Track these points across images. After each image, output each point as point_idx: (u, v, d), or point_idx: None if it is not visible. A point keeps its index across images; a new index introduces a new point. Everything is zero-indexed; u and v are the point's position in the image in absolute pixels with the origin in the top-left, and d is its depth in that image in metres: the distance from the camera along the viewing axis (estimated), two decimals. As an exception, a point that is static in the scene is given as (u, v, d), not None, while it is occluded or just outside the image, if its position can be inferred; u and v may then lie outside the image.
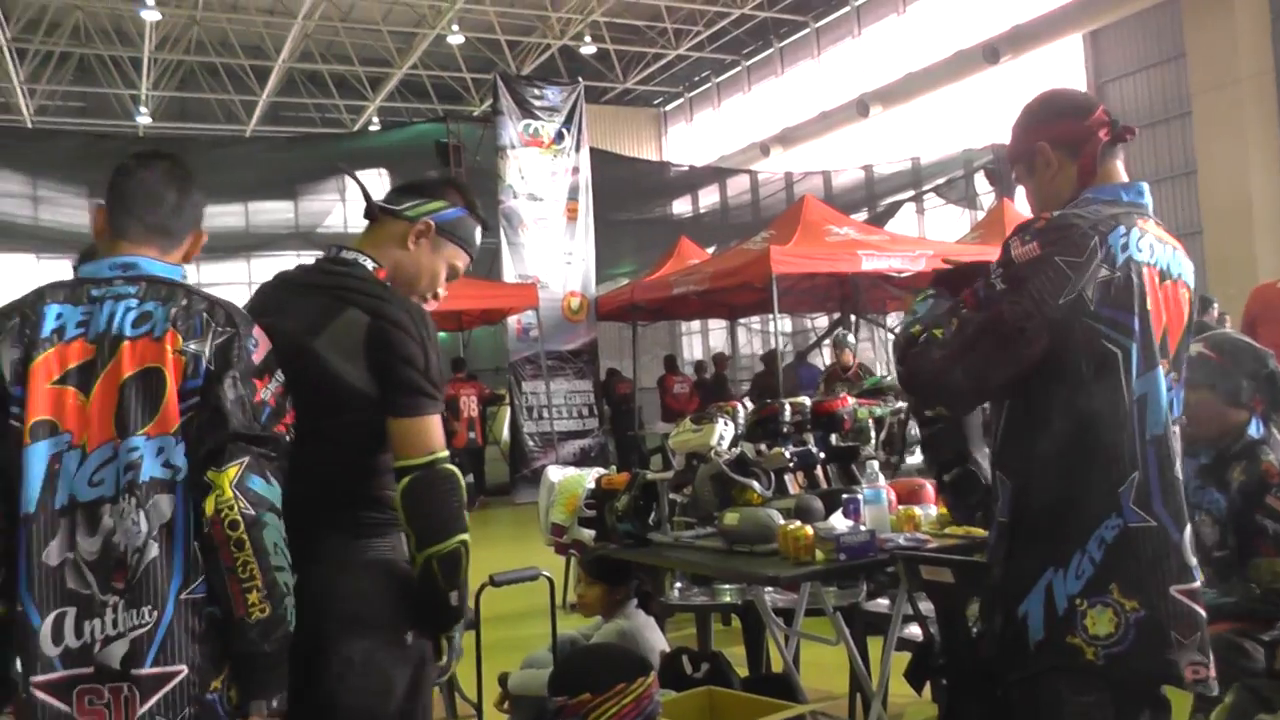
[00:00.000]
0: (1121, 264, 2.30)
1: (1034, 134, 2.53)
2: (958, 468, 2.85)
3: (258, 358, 2.35)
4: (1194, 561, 2.29)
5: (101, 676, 2.17)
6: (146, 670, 2.18)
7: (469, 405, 15.10)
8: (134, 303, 2.32)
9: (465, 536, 2.48)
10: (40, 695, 2.16)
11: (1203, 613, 2.28)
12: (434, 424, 2.49)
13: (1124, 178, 2.48)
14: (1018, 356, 2.27)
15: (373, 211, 2.78)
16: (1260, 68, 16.73)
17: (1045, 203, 2.52)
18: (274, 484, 2.27)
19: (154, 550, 2.20)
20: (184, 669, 2.20)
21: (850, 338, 12.13)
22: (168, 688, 2.19)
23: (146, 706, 2.18)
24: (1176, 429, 2.36)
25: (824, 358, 18.15)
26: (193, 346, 2.28)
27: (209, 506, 2.20)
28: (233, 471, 2.22)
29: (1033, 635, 2.29)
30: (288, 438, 2.37)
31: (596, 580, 4.51)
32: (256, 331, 2.39)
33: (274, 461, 2.31)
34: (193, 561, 2.23)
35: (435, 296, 2.78)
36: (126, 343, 2.27)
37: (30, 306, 2.32)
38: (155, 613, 2.19)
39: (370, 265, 2.65)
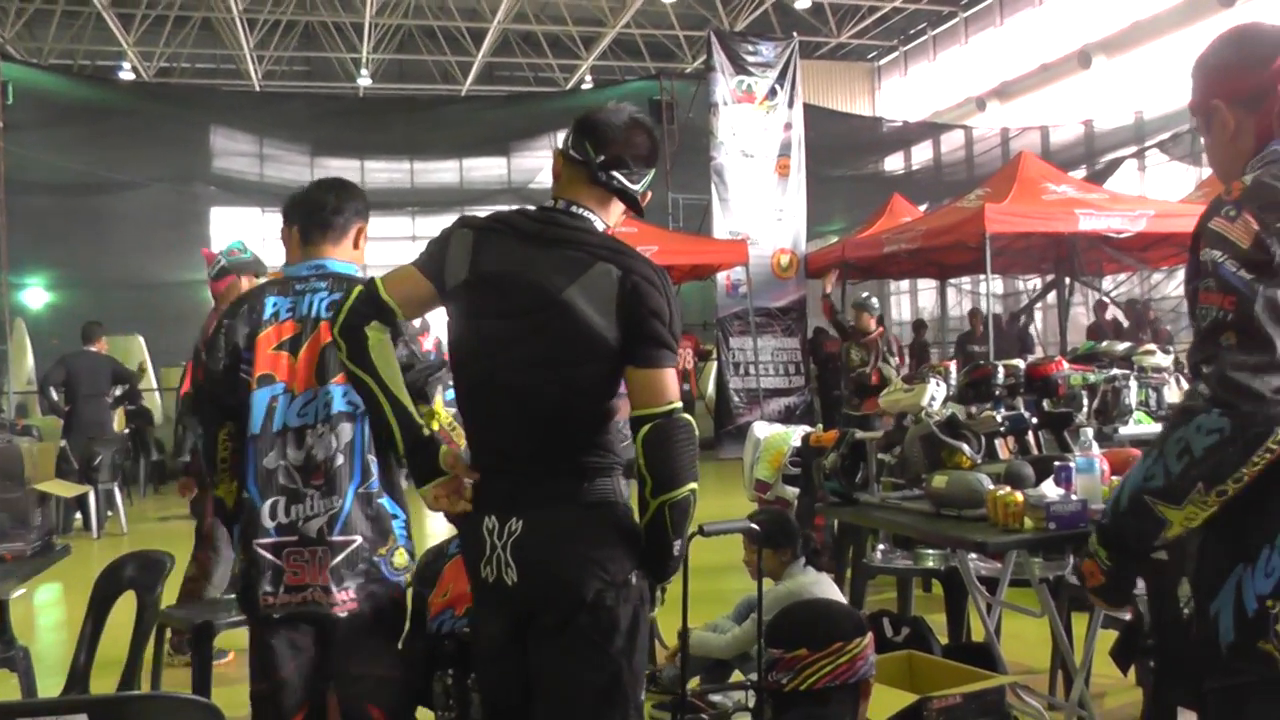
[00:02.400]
0: None
1: (1209, 89, 2.30)
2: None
3: (417, 322, 3.18)
4: None
5: (304, 542, 3.21)
6: (334, 538, 3.20)
7: (684, 358, 15.32)
8: (324, 294, 3.31)
9: (695, 485, 2.60)
10: (260, 552, 3.21)
11: None
12: (673, 376, 2.62)
13: None
14: None
15: (595, 176, 2.75)
16: None
17: (1223, 164, 2.32)
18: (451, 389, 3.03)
19: (340, 459, 3.22)
20: (359, 538, 3.22)
21: (874, 300, 11.49)
22: (348, 550, 3.20)
23: (334, 561, 3.20)
24: None
25: (1037, 322, 17.70)
26: None
27: (435, 425, 3.23)
28: (438, 401, 3.31)
29: (1223, 637, 2.10)
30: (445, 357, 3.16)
31: (766, 545, 4.55)
32: None
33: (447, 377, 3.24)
34: (364, 467, 3.24)
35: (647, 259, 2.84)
36: (324, 322, 3.23)
37: (255, 298, 3.36)
38: (339, 501, 3.21)
39: (600, 225, 2.73)
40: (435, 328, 3.23)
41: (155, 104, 19.79)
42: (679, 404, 2.59)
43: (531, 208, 2.78)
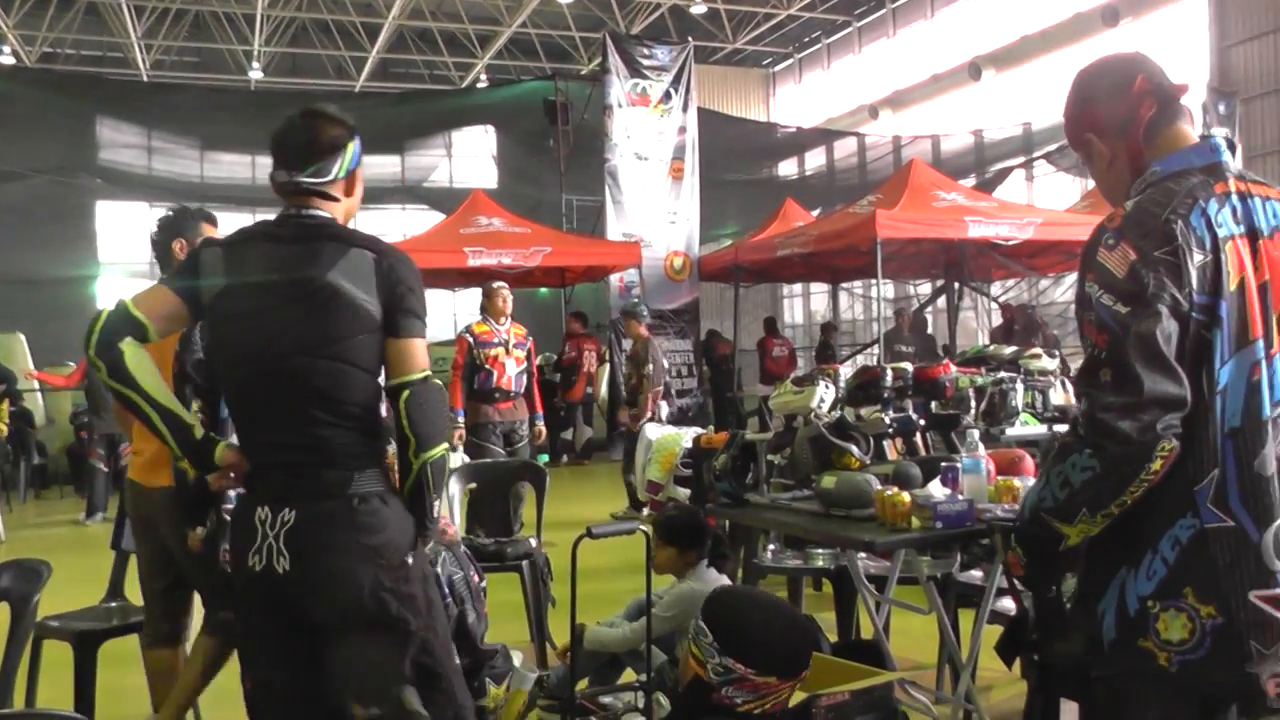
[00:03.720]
0: (1210, 245, 2.12)
1: (1080, 124, 2.38)
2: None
3: None
4: (1278, 565, 2.13)
5: None
6: None
7: (589, 360, 15.29)
8: None
9: (446, 445, 2.85)
10: None
11: None
12: (424, 345, 2.84)
13: (1193, 138, 2.29)
14: (1181, 360, 2.09)
15: (325, 193, 2.90)
16: (1395, 35, 16.08)
17: (1110, 191, 2.38)
18: None
19: None
20: None
21: (642, 307, 11.59)
22: None
23: None
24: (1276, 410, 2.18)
25: (928, 325, 17.96)
26: None
27: None
28: None
29: (1106, 635, 2.21)
30: None
31: (666, 543, 4.56)
32: None
33: None
34: None
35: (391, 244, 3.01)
36: None
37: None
38: None
39: (339, 221, 2.91)
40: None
41: (37, 91, 19.11)
42: (429, 370, 2.82)
43: (272, 218, 2.93)
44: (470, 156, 22.55)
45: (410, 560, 2.78)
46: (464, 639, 4.00)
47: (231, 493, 3.20)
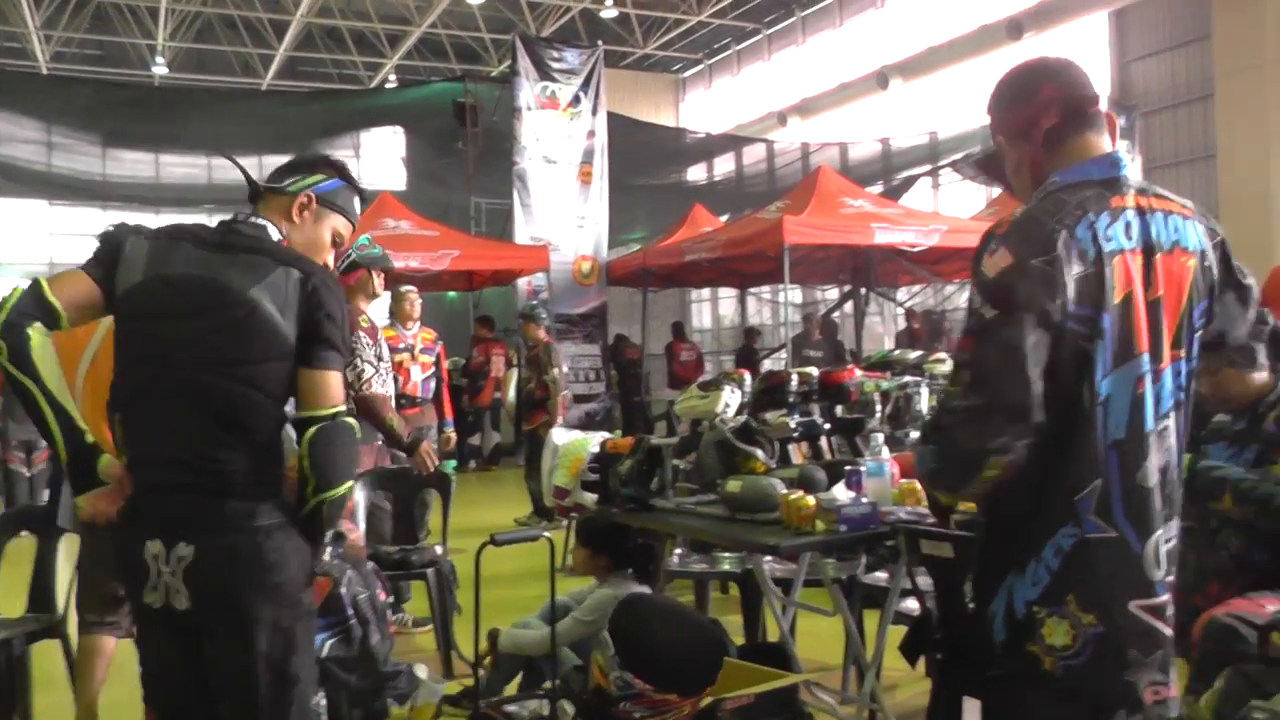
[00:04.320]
0: (1093, 258, 2.13)
1: (993, 127, 2.41)
2: None
3: None
4: (1159, 575, 2.18)
5: None
6: None
7: (497, 365, 15.17)
8: None
9: (353, 482, 2.78)
10: None
11: (1166, 630, 2.19)
12: (339, 380, 2.70)
13: (1102, 150, 2.29)
14: (1039, 374, 2.09)
15: (256, 191, 2.89)
16: (1286, 53, 16.58)
17: (1019, 194, 2.39)
18: None
19: None
20: None
21: (540, 310, 11.58)
22: None
23: None
24: (1169, 422, 2.22)
25: (838, 330, 18.12)
26: None
27: None
28: None
29: (996, 636, 2.23)
30: None
31: (586, 546, 4.54)
32: None
33: None
34: None
35: (324, 265, 2.90)
36: None
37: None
38: None
39: (275, 235, 2.79)
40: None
41: (-73, 82, 18.57)
42: (343, 407, 2.67)
43: (209, 223, 2.84)
44: (379, 158, 22.30)
45: (304, 598, 2.69)
46: (366, 661, 3.94)
47: None
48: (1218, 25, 17.28)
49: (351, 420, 2.69)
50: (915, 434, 6.41)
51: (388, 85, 26.71)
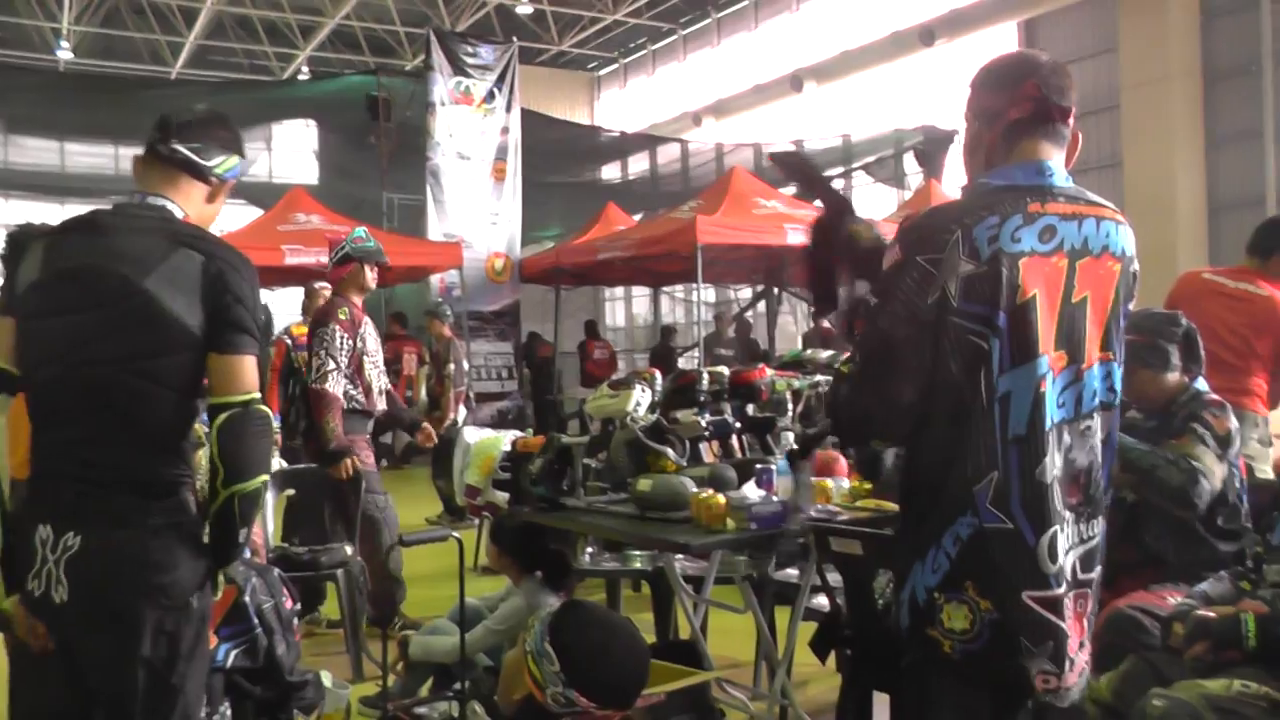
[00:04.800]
0: (988, 257, 2.18)
1: (967, 103, 2.46)
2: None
3: None
4: (1054, 569, 2.23)
5: None
6: None
7: (409, 363, 14.95)
8: None
9: (267, 477, 2.63)
10: None
11: (1059, 622, 2.24)
12: (253, 365, 2.59)
13: (1041, 157, 2.34)
14: (912, 368, 2.20)
15: (197, 170, 2.73)
16: (1188, 67, 17.03)
17: (969, 173, 2.46)
18: None
19: None
20: None
21: (445, 307, 11.85)
22: None
23: None
24: (1093, 422, 2.30)
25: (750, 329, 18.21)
26: None
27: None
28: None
29: (902, 622, 2.31)
30: None
31: (496, 544, 4.52)
32: None
33: None
34: None
35: (229, 244, 2.79)
36: None
37: None
38: None
39: (179, 213, 2.67)
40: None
41: None
42: (257, 395, 2.58)
43: (107, 206, 2.75)
44: (291, 151, 21.98)
45: (194, 602, 2.56)
46: (272, 671, 3.88)
47: None
48: (1124, 38, 17.70)
49: (265, 409, 2.61)
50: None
51: (300, 77, 26.33)
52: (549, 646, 2.93)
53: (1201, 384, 3.87)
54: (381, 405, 6.00)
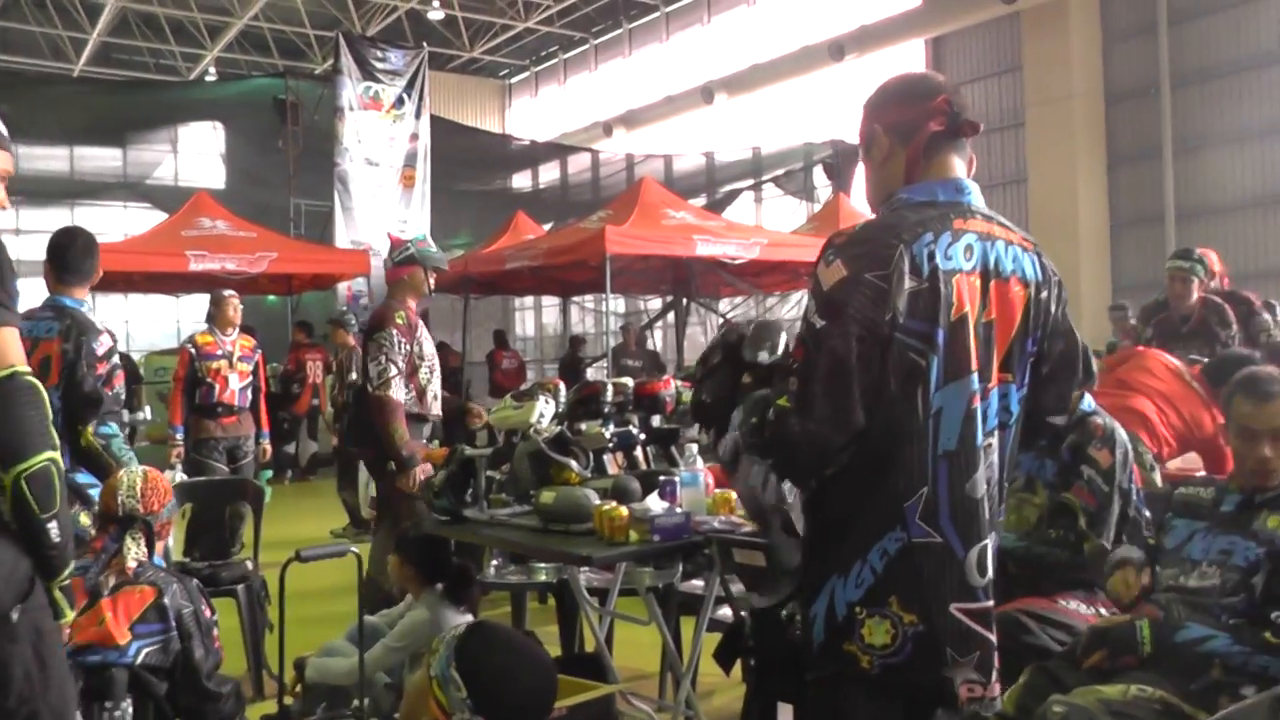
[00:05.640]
0: (928, 274, 2.20)
1: (872, 116, 2.44)
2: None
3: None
4: (982, 581, 2.27)
5: None
6: None
7: (315, 371, 14.70)
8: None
9: (55, 455, 2.36)
10: None
11: (986, 634, 2.28)
12: (14, 336, 2.37)
13: (957, 173, 2.38)
14: (867, 387, 2.16)
15: None
16: (1090, 87, 17.49)
17: (876, 188, 2.45)
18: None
19: None
20: None
21: (350, 316, 11.61)
22: None
23: None
24: (993, 440, 2.31)
25: (655, 340, 18.25)
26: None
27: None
28: (89, 429, 4.33)
29: (816, 637, 2.29)
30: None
31: (397, 554, 4.47)
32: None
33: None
34: None
35: None
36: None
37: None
38: None
39: None
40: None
41: None
42: (23, 368, 2.35)
43: None
44: (197, 154, 21.60)
45: (15, 615, 2.30)
46: (188, 675, 3.80)
47: None
48: (1027, 58, 18.12)
49: (33, 379, 2.37)
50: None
51: (207, 78, 25.90)
52: (455, 672, 2.86)
53: (1088, 402, 3.91)
54: (436, 410, 5.82)
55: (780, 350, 2.77)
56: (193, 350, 7.90)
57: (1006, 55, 18.71)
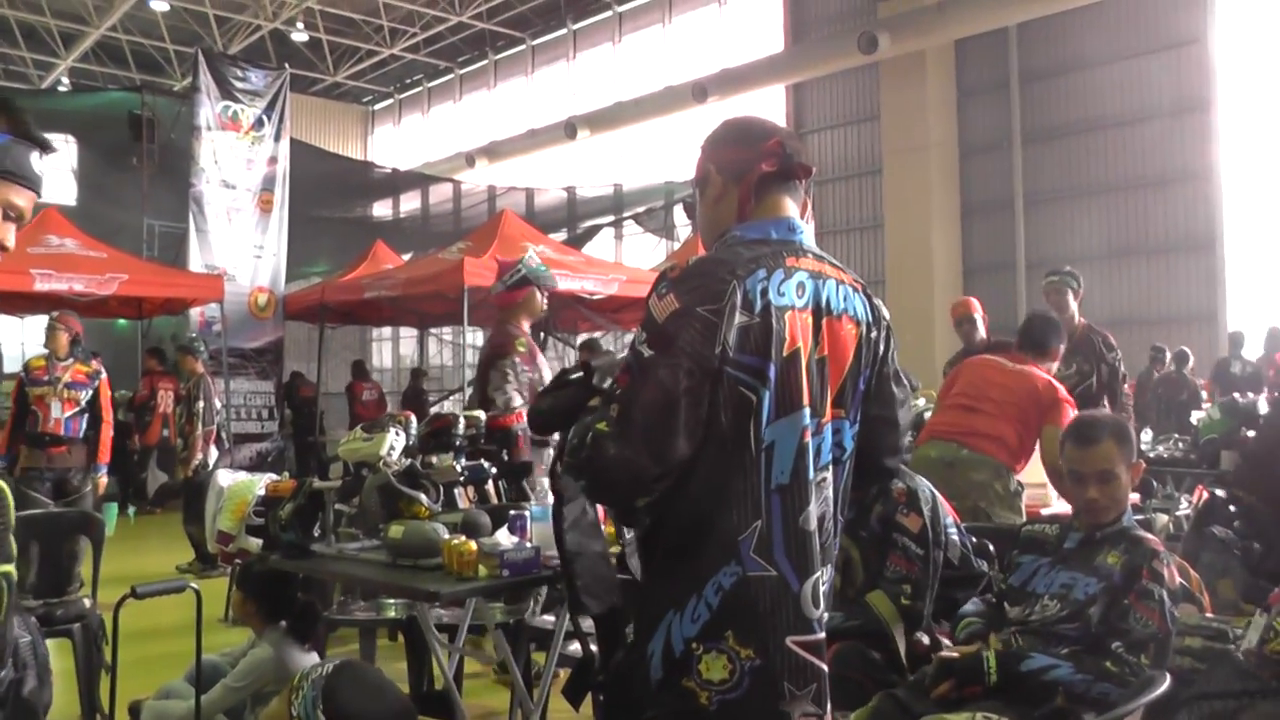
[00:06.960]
0: (760, 310, 2.22)
1: (708, 155, 2.49)
2: None
3: None
4: (816, 613, 2.28)
5: None
6: None
7: (165, 400, 14.19)
8: None
9: (9, 568, 2.14)
10: None
11: (821, 665, 2.29)
12: None
13: (789, 214, 2.40)
14: (692, 420, 2.17)
15: None
16: (945, 136, 18.10)
17: (707, 228, 2.48)
18: None
19: None
20: None
21: (198, 342, 11.51)
22: None
23: None
24: (827, 475, 2.34)
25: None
26: None
27: None
28: None
29: (654, 673, 2.27)
30: None
31: (240, 589, 4.38)
32: None
33: None
34: None
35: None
36: None
37: None
38: None
39: None
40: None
41: None
42: None
43: None
44: (46, 167, 20.83)
45: None
46: (19, 708, 3.66)
47: None
48: (885, 108, 18.67)
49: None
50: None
51: (60, 88, 25.13)
52: (321, 714, 2.82)
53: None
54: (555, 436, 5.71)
55: None
56: (24, 375, 7.68)
57: (865, 104, 19.25)
